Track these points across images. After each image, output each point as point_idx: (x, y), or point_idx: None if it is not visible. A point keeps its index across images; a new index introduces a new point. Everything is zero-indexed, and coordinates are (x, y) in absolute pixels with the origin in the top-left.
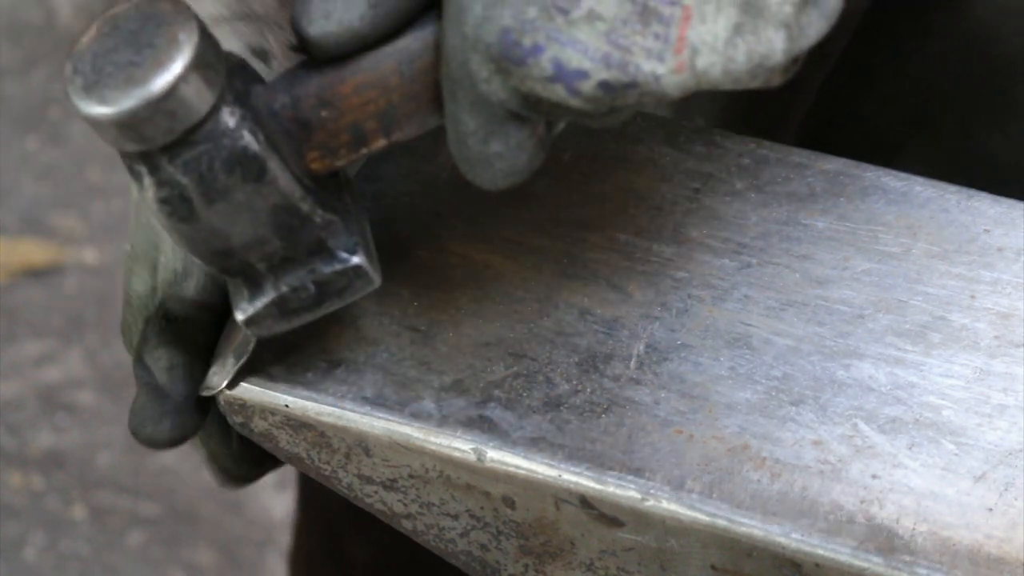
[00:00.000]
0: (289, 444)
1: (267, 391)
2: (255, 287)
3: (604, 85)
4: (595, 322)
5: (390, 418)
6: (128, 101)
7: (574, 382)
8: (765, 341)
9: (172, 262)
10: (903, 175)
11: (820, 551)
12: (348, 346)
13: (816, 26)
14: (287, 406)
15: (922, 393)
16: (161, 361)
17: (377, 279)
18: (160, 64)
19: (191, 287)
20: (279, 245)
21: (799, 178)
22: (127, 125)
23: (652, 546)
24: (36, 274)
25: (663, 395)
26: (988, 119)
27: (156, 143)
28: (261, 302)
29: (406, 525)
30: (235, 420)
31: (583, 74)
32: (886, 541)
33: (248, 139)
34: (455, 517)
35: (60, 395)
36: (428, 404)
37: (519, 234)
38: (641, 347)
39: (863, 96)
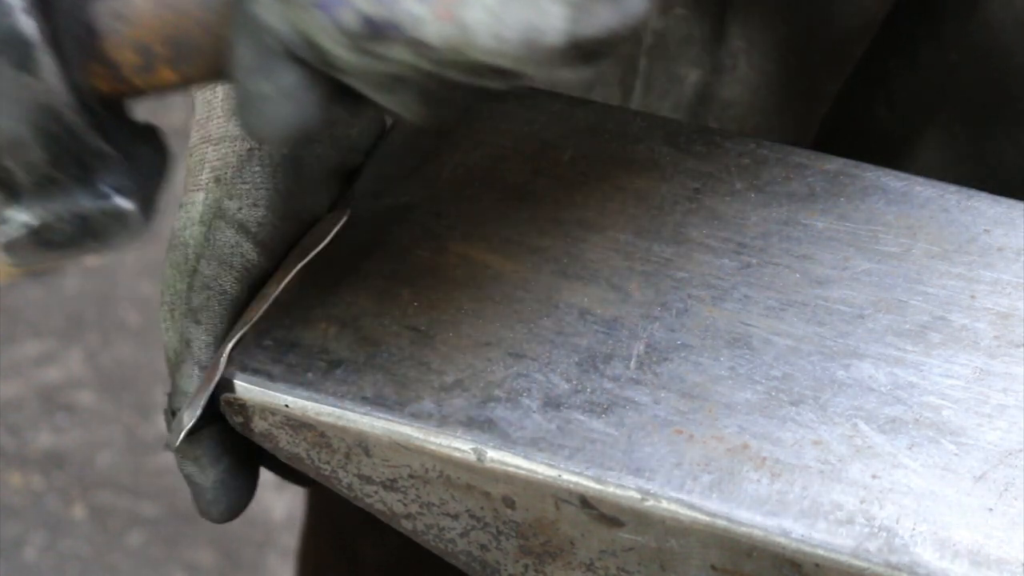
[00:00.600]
0: (289, 444)
1: (267, 391)
2: (13, 203)
3: (366, 20)
4: (595, 322)
5: (390, 418)
6: None
7: (574, 382)
8: (765, 341)
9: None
10: (903, 175)
11: (820, 551)
12: (348, 346)
13: (606, 19)
14: (287, 406)
15: (922, 393)
16: (190, 466)
17: (143, 229)
18: None
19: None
20: (41, 157)
21: (799, 178)
22: None
23: (652, 546)
24: (36, 274)
25: (663, 395)
26: (1001, 129)
27: None
28: (18, 221)
29: (406, 525)
30: (235, 420)
31: (348, 12)
32: (886, 541)
33: (24, 22)
34: (455, 517)
35: (60, 395)
36: (428, 404)
37: (519, 234)
38: (641, 347)
39: (877, 104)
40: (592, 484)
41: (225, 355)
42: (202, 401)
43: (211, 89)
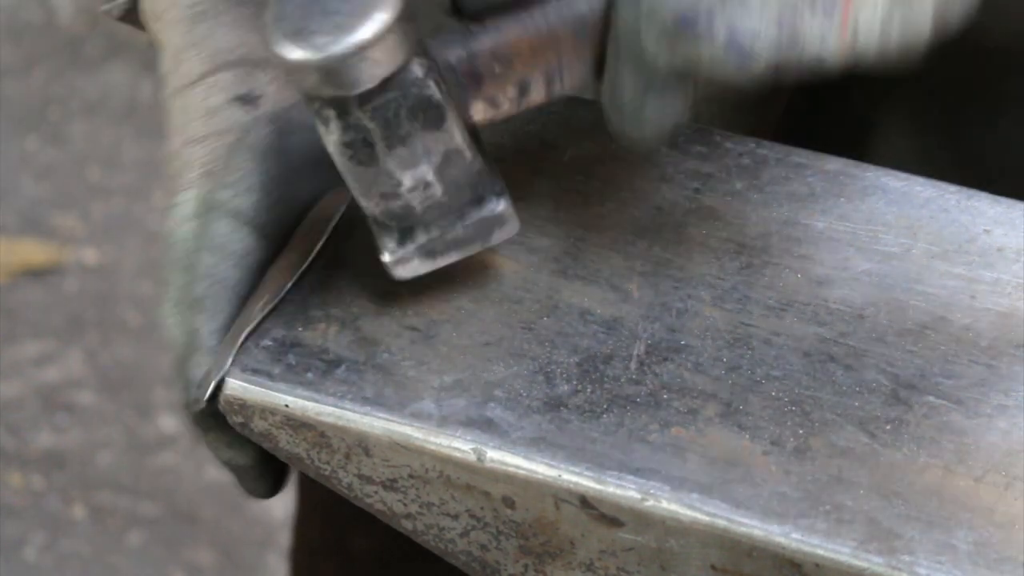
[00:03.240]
0: (289, 444)
1: (267, 391)
2: (407, 230)
3: (773, 64)
4: (595, 322)
5: (390, 418)
6: (336, 47)
7: (574, 382)
8: (765, 341)
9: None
10: (903, 175)
11: (820, 551)
12: (348, 346)
13: (962, 3)
14: (287, 406)
15: (922, 393)
16: (226, 451)
17: (517, 225)
18: (366, 14)
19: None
20: (441, 190)
21: (799, 178)
22: (332, 71)
23: (652, 546)
24: (36, 274)
25: (663, 395)
26: (977, 113)
27: (353, 90)
28: (412, 245)
29: (406, 525)
30: (235, 420)
31: (754, 54)
32: (886, 541)
33: (433, 89)
34: (455, 517)
35: (60, 395)
36: (428, 404)
37: (519, 234)
38: (641, 347)
39: (851, 89)
40: (592, 484)
41: (255, 320)
42: (230, 355)
43: (185, 95)
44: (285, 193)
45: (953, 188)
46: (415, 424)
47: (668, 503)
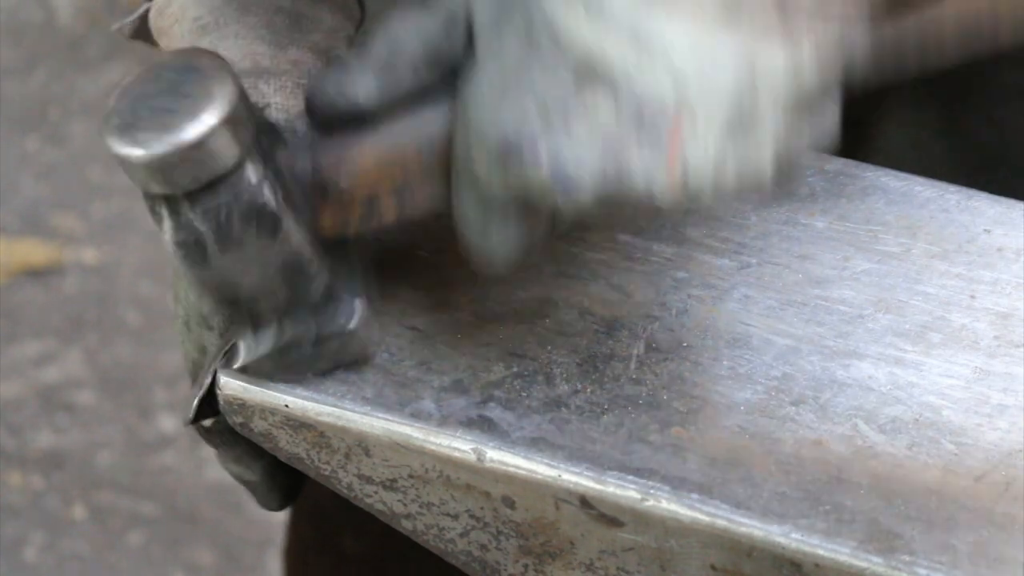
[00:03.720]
0: (289, 444)
1: (267, 391)
2: (258, 335)
3: (599, 197)
4: (595, 322)
5: (390, 418)
6: (160, 146)
7: (574, 382)
8: (765, 341)
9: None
10: (903, 175)
11: (820, 551)
12: None
13: (808, 138)
14: (287, 406)
15: (922, 393)
16: (235, 466)
17: (370, 351)
18: (194, 114)
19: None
20: (285, 298)
21: (799, 178)
22: (156, 168)
23: (652, 546)
24: (36, 274)
25: (663, 395)
26: (974, 104)
27: (181, 188)
28: (263, 348)
29: (406, 525)
30: (235, 420)
31: (580, 183)
32: (886, 541)
33: (267, 196)
34: (455, 517)
35: (60, 395)
36: (428, 404)
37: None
38: (641, 347)
39: (848, 83)
40: (592, 484)
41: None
42: (207, 378)
43: None
44: None
45: (953, 188)
46: (415, 424)
47: (668, 503)
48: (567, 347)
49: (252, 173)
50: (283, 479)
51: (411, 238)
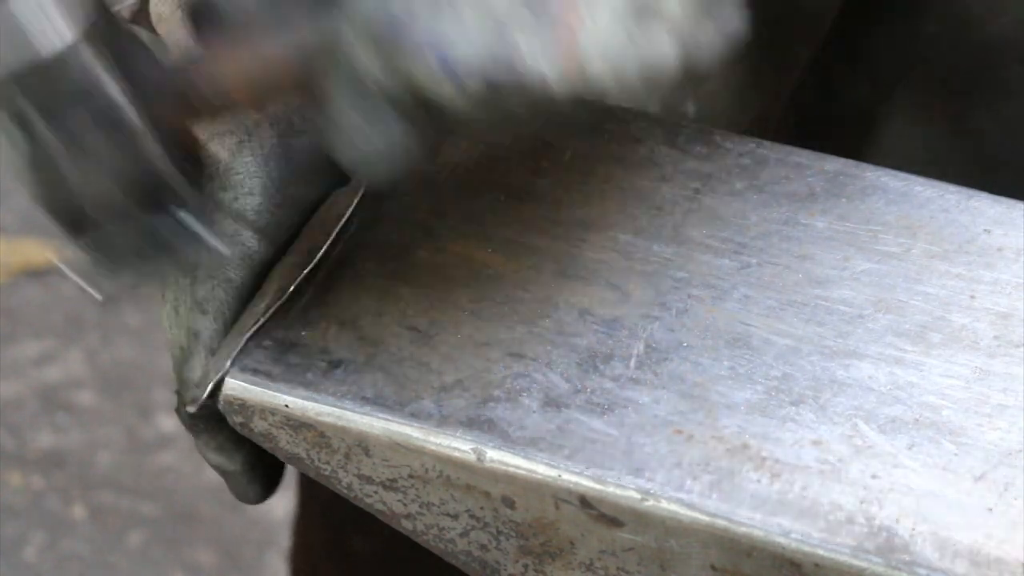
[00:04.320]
0: (289, 444)
1: (267, 391)
2: (75, 226)
3: (490, 83)
4: (595, 322)
5: (390, 418)
6: None
7: (574, 382)
8: (765, 341)
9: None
10: (903, 175)
11: (820, 551)
12: (348, 346)
13: (713, 42)
14: (287, 406)
15: (922, 393)
16: (215, 456)
17: (220, 252)
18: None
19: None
20: (121, 200)
21: (799, 178)
22: (26, 77)
23: (652, 546)
24: (36, 274)
25: (663, 395)
26: (980, 101)
27: (52, 99)
28: (80, 241)
29: (406, 525)
30: (235, 420)
31: (469, 69)
32: (886, 541)
33: (105, 80)
34: (455, 517)
35: (60, 395)
36: (428, 404)
37: (519, 234)
38: (641, 347)
39: (856, 77)
40: (592, 484)
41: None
42: (231, 355)
43: None
44: (288, 196)
45: (953, 188)
46: (415, 424)
47: (668, 503)
48: (567, 347)
49: (87, 52)
50: (264, 470)
51: (411, 238)
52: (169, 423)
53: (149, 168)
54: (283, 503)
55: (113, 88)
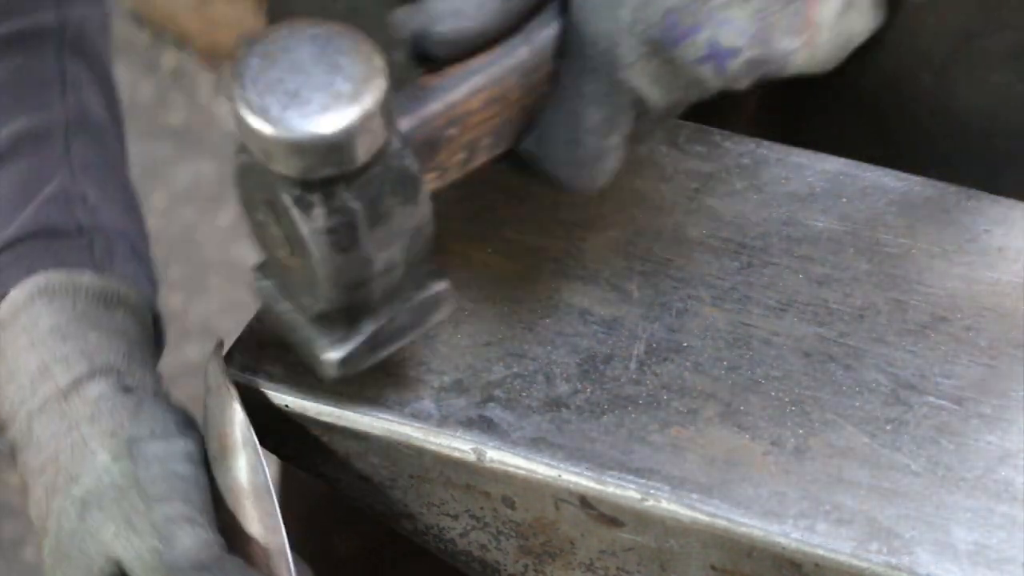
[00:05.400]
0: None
1: (267, 391)
2: (353, 324)
3: (749, 62)
4: (595, 322)
5: (390, 418)
6: (340, 122)
7: (574, 382)
8: (765, 341)
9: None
10: (903, 175)
11: (820, 551)
12: None
13: (880, 15)
14: (287, 406)
15: (922, 393)
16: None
17: (453, 304)
18: (358, 96)
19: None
20: (402, 271)
21: (799, 178)
22: (326, 150)
23: (652, 546)
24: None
25: (663, 395)
26: (965, 71)
27: (342, 169)
28: (360, 338)
29: (406, 525)
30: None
31: (735, 52)
32: (886, 541)
33: (410, 159)
34: (455, 517)
35: None
36: (428, 404)
37: (519, 234)
38: (641, 347)
39: (848, 58)
40: (592, 484)
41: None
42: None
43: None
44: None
45: (953, 188)
46: (415, 424)
47: (668, 503)
48: (567, 347)
49: (396, 140)
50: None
51: None
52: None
53: (428, 231)
54: None
55: (415, 164)
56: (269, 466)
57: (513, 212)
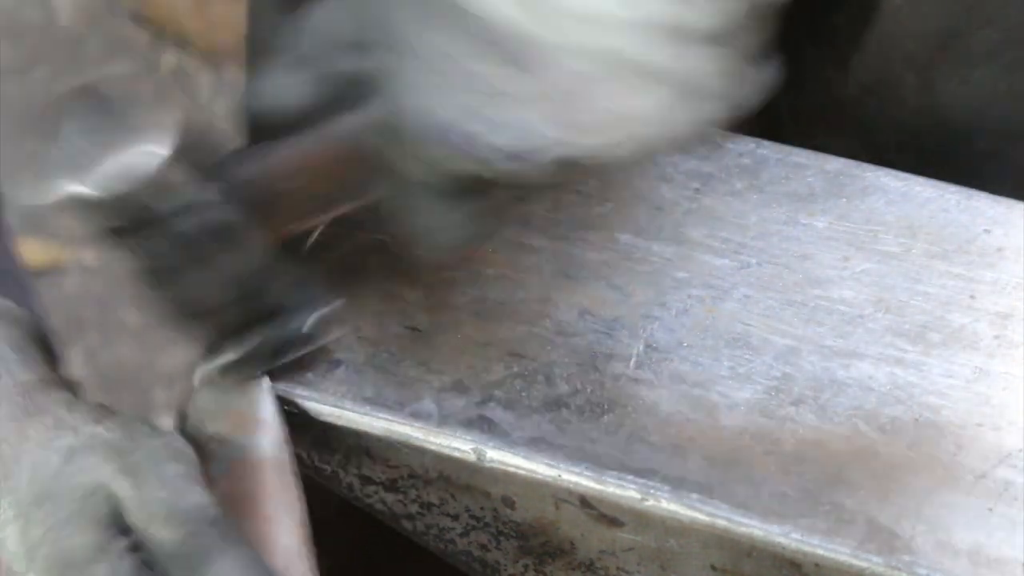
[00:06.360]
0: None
1: (267, 391)
2: (218, 346)
3: (559, 159)
4: (595, 322)
5: (390, 418)
6: (126, 180)
7: (574, 382)
8: (765, 341)
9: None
10: (903, 175)
11: (820, 551)
12: (348, 346)
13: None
14: (287, 406)
15: (922, 393)
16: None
17: (327, 348)
18: (151, 144)
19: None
20: (245, 308)
21: (799, 178)
22: (127, 203)
23: (652, 546)
24: (36, 274)
25: (663, 395)
26: (949, 70)
27: (147, 215)
28: (222, 360)
29: (406, 525)
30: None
31: (538, 151)
32: (886, 541)
33: (229, 209)
34: (455, 517)
35: None
36: (428, 404)
37: (519, 234)
38: (641, 347)
39: (828, 62)
40: (592, 484)
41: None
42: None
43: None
44: None
45: (953, 188)
46: (415, 424)
47: (668, 503)
48: (567, 347)
49: (213, 191)
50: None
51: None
52: (169, 423)
53: (262, 274)
54: None
55: (234, 213)
56: None
57: (513, 212)
